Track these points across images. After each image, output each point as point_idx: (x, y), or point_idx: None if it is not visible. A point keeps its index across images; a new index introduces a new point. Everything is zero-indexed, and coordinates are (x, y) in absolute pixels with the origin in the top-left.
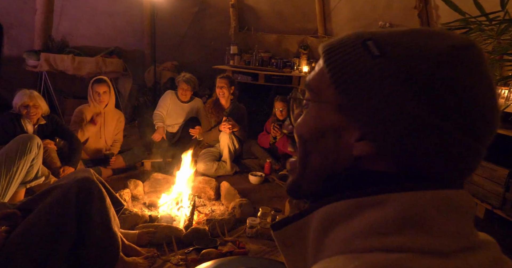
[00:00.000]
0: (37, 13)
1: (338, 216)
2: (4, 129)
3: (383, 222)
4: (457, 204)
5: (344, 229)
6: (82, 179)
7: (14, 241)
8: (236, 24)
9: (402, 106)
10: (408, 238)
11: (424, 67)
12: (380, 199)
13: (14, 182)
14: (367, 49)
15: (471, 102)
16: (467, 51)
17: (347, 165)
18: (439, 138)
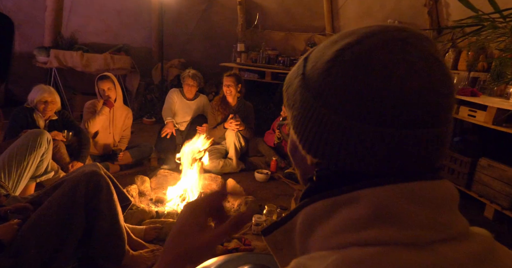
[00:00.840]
0: (47, 10)
1: (317, 216)
2: (18, 123)
3: (357, 218)
4: (429, 195)
5: (323, 228)
6: (90, 173)
7: (25, 233)
8: (243, 22)
9: (314, 115)
10: (381, 232)
11: (316, 76)
12: (353, 196)
13: (24, 176)
14: (299, 67)
15: (367, 94)
16: (347, 51)
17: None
18: (356, 136)
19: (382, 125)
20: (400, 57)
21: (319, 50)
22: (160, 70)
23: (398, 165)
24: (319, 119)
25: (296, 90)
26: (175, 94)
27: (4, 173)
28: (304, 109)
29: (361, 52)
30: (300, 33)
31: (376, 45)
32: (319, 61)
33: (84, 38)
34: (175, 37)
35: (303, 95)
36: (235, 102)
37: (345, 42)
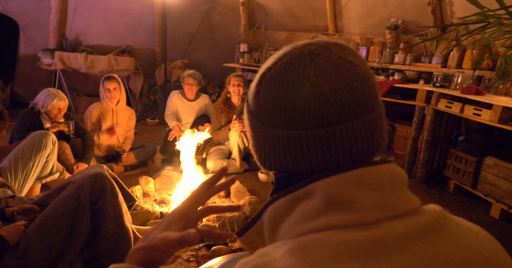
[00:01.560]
0: (52, 12)
1: (280, 212)
2: (25, 125)
3: (312, 208)
4: (373, 179)
5: (286, 222)
6: (95, 174)
7: (32, 234)
8: (246, 22)
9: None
10: (332, 218)
11: (251, 100)
12: (309, 189)
13: (30, 177)
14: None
15: (288, 105)
16: (267, 73)
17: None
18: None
19: (308, 128)
20: (309, 67)
21: (256, 77)
22: (163, 71)
23: (338, 158)
24: (261, 134)
25: (246, 115)
26: (175, 96)
27: (11, 174)
28: (252, 130)
29: (275, 72)
30: (303, 33)
31: (288, 63)
32: (251, 87)
33: (88, 40)
34: (178, 38)
35: (248, 118)
36: (240, 102)
37: (265, 67)
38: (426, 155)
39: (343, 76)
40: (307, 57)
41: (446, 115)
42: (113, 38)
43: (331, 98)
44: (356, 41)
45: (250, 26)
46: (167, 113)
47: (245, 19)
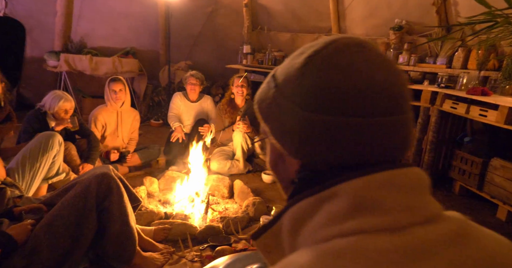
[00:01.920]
0: (57, 15)
1: (303, 214)
2: (32, 126)
3: (338, 211)
4: (401, 182)
5: (309, 225)
6: (101, 175)
7: (39, 233)
8: (249, 24)
9: (295, 119)
10: (361, 221)
11: (292, 83)
12: (333, 191)
13: (37, 177)
14: (269, 82)
15: (340, 89)
16: (316, 56)
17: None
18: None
19: (353, 116)
20: (361, 56)
21: (285, 64)
22: (167, 73)
23: (371, 153)
24: (299, 120)
25: (271, 103)
26: (178, 98)
27: (18, 174)
28: (283, 116)
29: (328, 55)
30: (306, 34)
31: (340, 48)
32: (291, 71)
33: (93, 42)
34: (181, 40)
35: (280, 104)
36: (243, 103)
37: (312, 50)
38: (431, 156)
39: (391, 70)
40: (356, 47)
41: (451, 116)
42: (118, 40)
43: (383, 89)
44: None
45: (253, 28)
46: (170, 115)
47: (248, 21)
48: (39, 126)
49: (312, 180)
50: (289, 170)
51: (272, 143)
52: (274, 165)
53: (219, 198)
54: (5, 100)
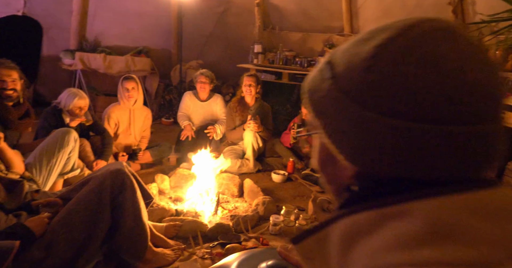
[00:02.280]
0: (73, 15)
1: (360, 229)
2: (48, 123)
3: (410, 234)
4: (491, 207)
5: (368, 243)
6: (115, 171)
7: (55, 226)
8: (260, 23)
9: (355, 118)
10: (440, 251)
11: (354, 76)
12: (403, 209)
13: (53, 172)
14: (324, 70)
15: (419, 89)
16: (390, 45)
17: (352, 183)
18: (409, 137)
19: (440, 123)
20: (449, 47)
21: (346, 51)
22: (178, 72)
23: (456, 167)
24: (361, 122)
25: (325, 96)
26: (188, 97)
27: (35, 169)
28: (341, 115)
29: (405, 44)
30: (317, 34)
31: (422, 36)
32: (354, 61)
33: (107, 41)
34: (193, 39)
35: (337, 99)
36: (253, 102)
37: (383, 37)
38: None
39: (486, 64)
40: (442, 34)
41: None
42: (131, 39)
43: (475, 90)
44: None
45: (264, 27)
46: (179, 115)
47: (260, 20)
48: (55, 122)
49: (374, 191)
50: (340, 174)
51: (323, 142)
52: (323, 166)
53: (228, 196)
54: (24, 97)
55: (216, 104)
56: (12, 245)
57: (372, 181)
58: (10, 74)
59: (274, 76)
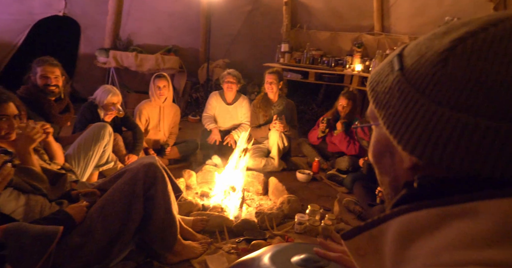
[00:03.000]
0: (109, 14)
1: (420, 227)
2: (85, 117)
3: (477, 234)
4: None
5: (429, 241)
6: (148, 164)
7: (94, 214)
8: (288, 22)
9: (421, 111)
10: (510, 252)
11: (427, 70)
12: (469, 208)
13: (90, 164)
14: (393, 63)
15: (497, 85)
16: (469, 39)
17: (409, 178)
18: (480, 133)
19: None
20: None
21: (420, 44)
22: (205, 70)
23: None
24: (428, 115)
25: (391, 88)
26: (214, 98)
27: (74, 161)
28: (406, 106)
29: (487, 40)
30: (346, 33)
31: (502, 33)
32: (428, 54)
33: (139, 40)
34: (220, 38)
35: (404, 90)
36: (276, 98)
37: (463, 31)
38: None
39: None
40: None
41: None
42: (161, 38)
43: None
44: (404, 41)
45: (292, 26)
46: (205, 115)
47: (288, 19)
48: (91, 117)
49: (436, 188)
50: (397, 167)
51: (382, 133)
52: (379, 157)
53: (253, 194)
54: (64, 93)
55: (242, 107)
56: (56, 229)
57: (431, 178)
58: (54, 71)
59: (300, 75)
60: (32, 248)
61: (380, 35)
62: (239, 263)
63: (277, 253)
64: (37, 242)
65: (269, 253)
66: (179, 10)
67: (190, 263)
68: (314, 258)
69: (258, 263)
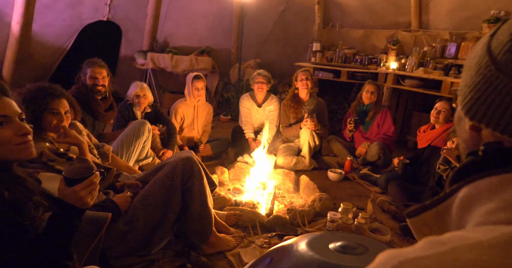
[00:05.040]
0: (148, 18)
1: (481, 193)
2: (122, 115)
3: None
4: None
5: (487, 204)
6: (186, 158)
7: (137, 204)
8: (320, 21)
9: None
10: None
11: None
12: None
13: (131, 159)
14: (484, 38)
15: None
16: None
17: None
18: None
19: None
20: None
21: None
22: (237, 71)
23: None
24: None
25: (475, 56)
26: (246, 101)
27: (118, 155)
28: (480, 76)
29: None
30: (381, 30)
31: None
32: (506, 33)
33: (174, 41)
34: (252, 38)
35: (481, 62)
36: (308, 97)
37: None
38: None
39: None
40: None
41: None
42: (195, 40)
43: None
44: (443, 37)
45: (324, 25)
46: (244, 120)
47: (320, 18)
48: (127, 115)
49: (499, 157)
50: (471, 137)
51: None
52: (457, 121)
53: (284, 191)
54: (109, 92)
55: (271, 108)
56: (106, 215)
57: (498, 146)
58: (101, 72)
59: (332, 74)
60: (87, 230)
61: (417, 32)
62: (277, 248)
63: (315, 240)
64: (91, 226)
65: (306, 239)
66: (213, 11)
67: (225, 255)
68: (352, 245)
69: (296, 248)
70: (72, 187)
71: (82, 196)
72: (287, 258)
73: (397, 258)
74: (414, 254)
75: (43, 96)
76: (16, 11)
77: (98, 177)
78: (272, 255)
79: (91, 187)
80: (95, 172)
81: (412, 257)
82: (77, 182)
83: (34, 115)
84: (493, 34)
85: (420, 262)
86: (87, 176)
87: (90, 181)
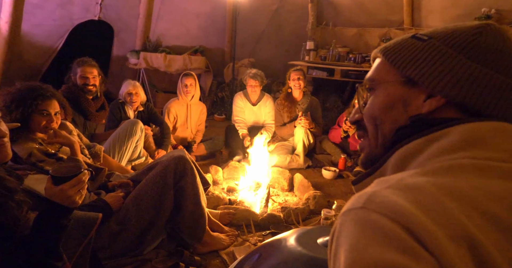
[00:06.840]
0: (140, 17)
1: (411, 153)
2: (114, 115)
3: (448, 145)
4: None
5: (416, 161)
6: (178, 157)
7: (129, 204)
8: (314, 20)
9: (456, 65)
10: (472, 153)
11: (464, 38)
12: (444, 132)
13: (124, 158)
14: (417, 38)
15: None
16: (486, 27)
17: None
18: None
19: None
20: None
21: (444, 27)
22: (231, 70)
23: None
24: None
25: (422, 49)
26: (239, 99)
27: (110, 155)
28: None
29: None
30: (374, 29)
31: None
32: (460, 28)
33: (167, 41)
34: (246, 37)
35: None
36: (301, 97)
37: (484, 22)
38: None
39: None
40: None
41: None
42: (188, 39)
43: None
44: None
45: (317, 24)
46: (237, 119)
47: (313, 17)
48: (119, 114)
49: (423, 125)
50: (402, 116)
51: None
52: (386, 110)
53: (278, 190)
54: (100, 92)
55: (265, 106)
56: (96, 216)
57: (419, 118)
58: (92, 72)
59: (325, 73)
60: (76, 231)
61: (410, 30)
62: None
63: (303, 235)
64: (80, 227)
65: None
66: (206, 10)
67: (218, 254)
68: None
69: (284, 243)
70: (60, 186)
71: (70, 195)
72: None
73: (363, 196)
74: (371, 189)
75: (33, 96)
76: (4, 10)
77: (87, 175)
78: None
79: (79, 186)
80: (83, 170)
81: (372, 191)
82: (64, 180)
83: (23, 116)
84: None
85: (379, 193)
86: (75, 174)
87: (78, 179)
